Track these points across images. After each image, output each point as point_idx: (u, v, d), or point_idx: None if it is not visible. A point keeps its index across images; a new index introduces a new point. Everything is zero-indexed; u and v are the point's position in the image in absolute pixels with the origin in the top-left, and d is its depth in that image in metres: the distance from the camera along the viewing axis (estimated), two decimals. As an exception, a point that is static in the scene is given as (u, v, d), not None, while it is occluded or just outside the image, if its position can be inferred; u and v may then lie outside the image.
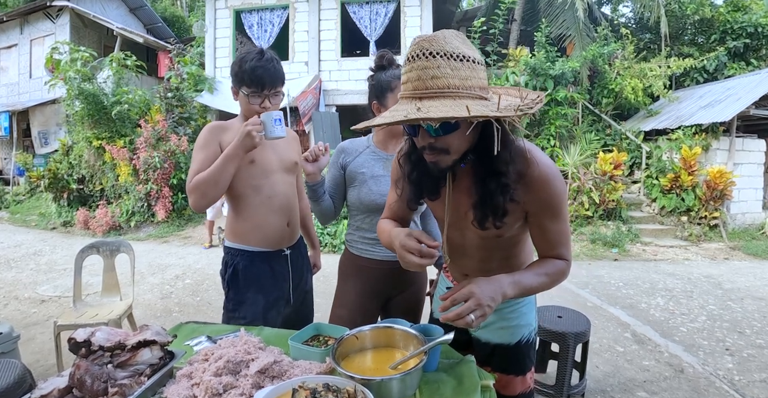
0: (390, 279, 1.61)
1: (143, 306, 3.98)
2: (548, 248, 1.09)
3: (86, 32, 12.09)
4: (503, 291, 0.95)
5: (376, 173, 1.60)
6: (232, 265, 1.64)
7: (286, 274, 1.70)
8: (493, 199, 0.97)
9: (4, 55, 13.11)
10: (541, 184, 0.98)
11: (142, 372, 1.08)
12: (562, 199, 1.02)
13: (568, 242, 1.09)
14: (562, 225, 1.06)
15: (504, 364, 1.27)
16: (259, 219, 1.62)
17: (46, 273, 5.16)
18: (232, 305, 1.65)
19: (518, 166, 0.97)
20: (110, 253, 2.96)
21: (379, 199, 1.56)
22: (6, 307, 4.02)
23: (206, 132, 1.57)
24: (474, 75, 0.86)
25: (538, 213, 1.04)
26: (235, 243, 1.65)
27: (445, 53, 0.83)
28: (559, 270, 1.07)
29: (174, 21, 17.41)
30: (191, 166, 1.54)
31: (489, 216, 1.00)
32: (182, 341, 1.39)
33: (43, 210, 8.88)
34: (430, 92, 0.84)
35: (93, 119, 8.17)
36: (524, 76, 7.85)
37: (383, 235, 1.19)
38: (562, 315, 2.34)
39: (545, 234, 1.07)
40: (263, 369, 1.04)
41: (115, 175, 8.10)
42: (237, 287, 1.64)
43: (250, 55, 1.52)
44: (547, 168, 0.99)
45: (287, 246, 1.70)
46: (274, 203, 1.63)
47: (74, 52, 8.21)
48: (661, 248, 6.09)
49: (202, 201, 1.49)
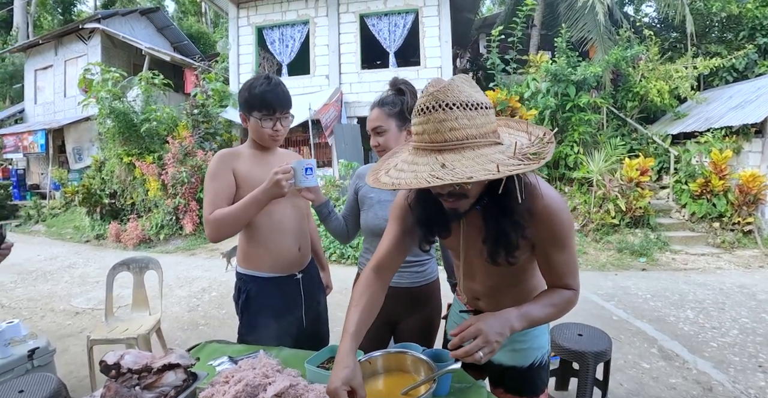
0: (399, 304, 1.61)
1: (171, 318, 4.10)
2: (555, 278, 1.09)
3: (116, 52, 12.64)
4: (511, 325, 0.96)
5: (383, 198, 1.63)
6: (245, 291, 1.66)
7: (298, 298, 1.71)
8: (507, 237, 1.00)
9: (41, 76, 13.80)
10: (547, 216, 1.00)
11: (167, 394, 1.13)
12: (567, 231, 1.04)
13: (575, 272, 1.09)
14: (569, 256, 1.06)
15: (517, 386, 1.29)
16: (270, 244, 1.63)
17: (80, 285, 5.38)
18: (246, 330, 1.68)
19: (527, 202, 0.98)
20: (140, 270, 3.08)
21: (383, 223, 1.57)
22: (43, 319, 4.21)
23: (217, 160, 1.58)
24: (487, 121, 0.88)
25: (544, 245, 1.05)
26: (247, 269, 1.68)
27: (461, 104, 0.84)
28: (566, 300, 1.08)
29: (199, 38, 18.05)
30: (205, 197, 1.56)
31: (501, 252, 1.02)
32: (205, 361, 1.44)
33: (78, 223, 9.27)
34: (450, 145, 0.85)
35: (123, 136, 8.52)
36: (545, 82, 7.77)
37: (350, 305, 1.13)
38: (583, 332, 2.30)
39: (552, 264, 1.08)
40: (279, 393, 1.08)
41: (144, 189, 8.40)
42: (249, 313, 1.67)
43: (258, 81, 1.56)
44: (551, 200, 1.00)
45: (299, 271, 1.71)
46: (285, 228, 1.65)
47: (105, 73, 8.60)
48: (691, 256, 5.89)
49: (218, 237, 1.52)
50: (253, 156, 1.65)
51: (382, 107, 1.56)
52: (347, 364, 0.97)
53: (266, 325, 1.65)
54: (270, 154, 1.70)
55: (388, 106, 1.55)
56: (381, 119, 1.55)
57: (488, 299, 1.26)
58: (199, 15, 24.71)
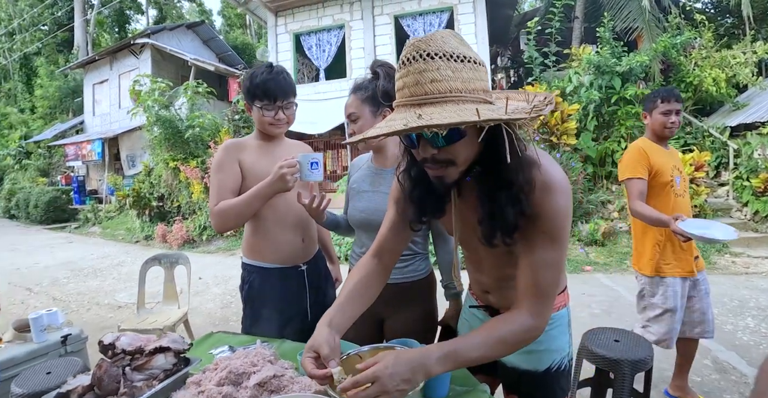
0: (383, 300, 1.42)
1: (204, 314, 4.20)
2: (523, 286, 0.90)
3: (165, 64, 13.37)
4: (426, 370, 0.81)
5: (362, 188, 1.55)
6: (248, 282, 1.65)
7: (303, 290, 1.68)
8: (503, 213, 0.85)
9: (98, 90, 14.89)
10: (540, 193, 0.85)
11: (157, 376, 1.12)
12: (562, 221, 0.87)
13: (551, 285, 0.89)
14: (553, 258, 0.88)
15: (531, 392, 1.16)
16: (273, 236, 1.61)
17: (125, 282, 5.66)
18: (249, 321, 1.67)
19: (527, 174, 0.84)
20: (170, 265, 3.18)
21: (357, 215, 1.52)
22: (88, 312, 4.48)
23: (223, 152, 1.57)
24: (477, 77, 0.78)
25: (528, 232, 0.88)
26: (251, 259, 1.66)
27: (444, 54, 0.75)
28: (520, 333, 0.88)
29: (244, 48, 18.78)
30: (211, 188, 1.56)
31: (497, 232, 0.87)
32: (207, 349, 1.43)
33: (129, 225, 9.83)
34: (431, 97, 0.75)
35: (169, 143, 8.96)
36: (588, 75, 7.39)
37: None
38: (620, 338, 2.06)
39: (529, 261, 0.89)
40: (262, 382, 1.03)
41: (189, 192, 8.78)
42: (253, 304, 1.66)
43: (260, 70, 1.55)
44: (551, 178, 0.86)
45: (303, 262, 1.68)
46: (289, 220, 1.62)
47: (153, 83, 9.10)
48: (754, 259, 5.36)
49: (223, 228, 1.54)
50: (259, 147, 1.63)
51: (356, 93, 1.47)
52: (315, 333, 0.92)
53: (269, 316, 1.63)
54: (276, 145, 1.68)
55: (360, 91, 1.45)
56: (354, 105, 1.46)
57: (498, 293, 1.14)
58: (244, 27, 25.76)
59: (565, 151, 6.92)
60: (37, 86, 17.97)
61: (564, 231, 0.88)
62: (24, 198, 13.37)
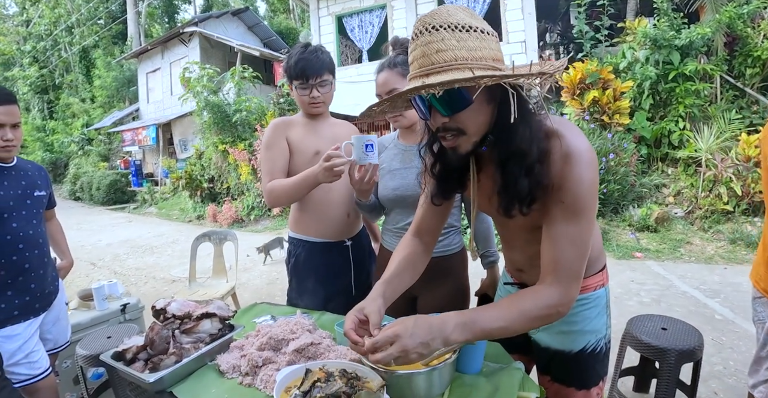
0: None
1: (251, 290, 4.40)
2: (546, 262, 0.87)
3: (213, 52, 13.76)
4: (444, 337, 0.81)
5: (393, 167, 1.55)
6: (295, 255, 1.70)
7: (347, 266, 1.71)
8: (517, 183, 0.83)
9: (151, 78, 15.59)
10: (562, 164, 0.82)
11: (203, 340, 1.19)
12: (583, 193, 0.83)
13: (576, 261, 0.85)
14: (577, 233, 0.84)
15: (563, 374, 1.13)
16: (319, 210, 1.65)
17: (179, 258, 6.02)
18: (295, 294, 1.72)
19: (542, 143, 0.82)
20: (219, 241, 3.34)
21: (390, 193, 1.52)
22: (145, 285, 4.84)
23: (271, 129, 1.63)
24: (484, 46, 0.77)
25: (550, 205, 0.85)
26: (297, 233, 1.71)
27: (449, 25, 0.76)
28: (544, 308, 0.84)
29: (288, 33, 18.98)
30: (262, 166, 1.63)
31: (515, 202, 0.85)
32: (251, 318, 1.50)
33: (182, 206, 10.38)
34: (437, 67, 0.76)
35: (218, 126, 9.31)
36: (644, 49, 6.89)
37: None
38: (668, 327, 1.96)
39: (551, 238, 0.86)
40: (300, 349, 1.08)
41: (237, 174, 9.12)
42: (299, 277, 1.71)
43: (296, 50, 1.58)
44: (574, 147, 0.82)
45: (348, 238, 1.71)
46: (335, 195, 1.65)
47: (201, 70, 9.42)
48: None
49: (275, 205, 1.61)
50: (305, 124, 1.68)
51: (394, 68, 1.43)
52: (369, 298, 0.95)
53: (314, 289, 1.67)
54: (321, 122, 1.71)
55: (400, 66, 1.43)
56: (395, 81, 1.42)
57: (531, 271, 1.11)
58: (288, 12, 25.97)
59: (617, 130, 6.55)
60: (96, 77, 19.04)
61: (588, 205, 0.84)
62: (87, 181, 14.40)
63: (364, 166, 1.29)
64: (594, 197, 0.85)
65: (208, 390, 1.03)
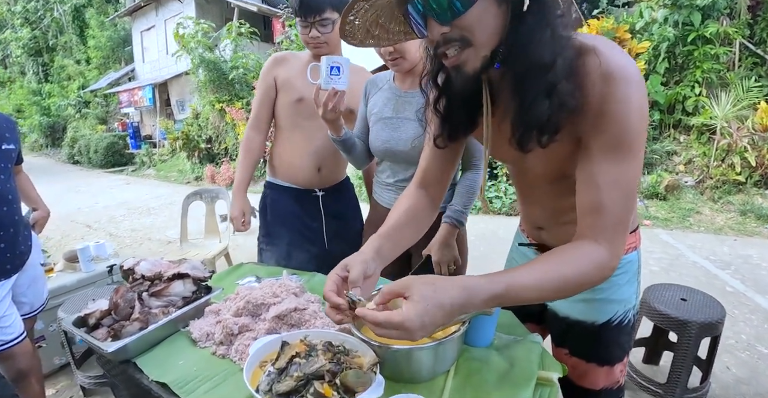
0: None
1: (248, 250, 4.30)
2: (587, 207, 0.69)
3: (209, 7, 13.11)
4: (467, 312, 0.66)
5: (384, 114, 1.39)
6: (265, 197, 1.74)
7: (318, 215, 1.68)
8: (535, 102, 0.65)
9: (146, 37, 14.96)
10: (602, 85, 0.64)
11: (175, 304, 1.06)
12: (632, 120, 0.65)
13: (624, 209, 0.68)
14: (621, 169, 0.67)
15: (583, 348, 0.98)
16: (291, 157, 1.64)
17: (176, 219, 5.84)
18: (261, 237, 1.73)
19: (569, 56, 0.64)
20: (210, 199, 3.21)
21: (380, 145, 1.38)
22: (141, 246, 4.77)
23: (264, 66, 1.62)
24: None
25: (588, 138, 0.68)
26: (270, 176, 1.74)
27: None
28: (594, 267, 0.68)
29: (288, -12, 18.11)
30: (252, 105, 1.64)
31: (533, 130, 0.67)
32: (235, 279, 1.37)
33: (181, 167, 10.20)
34: None
35: (215, 85, 8.99)
36: (663, 9, 6.47)
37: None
38: (688, 297, 1.83)
39: (591, 180, 0.68)
40: (281, 315, 0.93)
41: (235, 134, 8.88)
42: (266, 220, 1.72)
43: None
44: (615, 63, 0.64)
45: (319, 188, 1.68)
46: (310, 146, 1.61)
47: (196, 25, 8.97)
48: None
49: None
50: (306, 63, 1.54)
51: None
52: (357, 253, 0.79)
53: (279, 235, 1.67)
54: None
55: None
56: None
57: (554, 229, 0.95)
58: (288, -34, 24.72)
59: (630, 95, 6.26)
60: (90, 37, 18.35)
61: (637, 137, 0.66)
62: (85, 144, 14.12)
63: (328, 91, 1.16)
64: (644, 128, 0.67)
65: (175, 361, 0.89)
